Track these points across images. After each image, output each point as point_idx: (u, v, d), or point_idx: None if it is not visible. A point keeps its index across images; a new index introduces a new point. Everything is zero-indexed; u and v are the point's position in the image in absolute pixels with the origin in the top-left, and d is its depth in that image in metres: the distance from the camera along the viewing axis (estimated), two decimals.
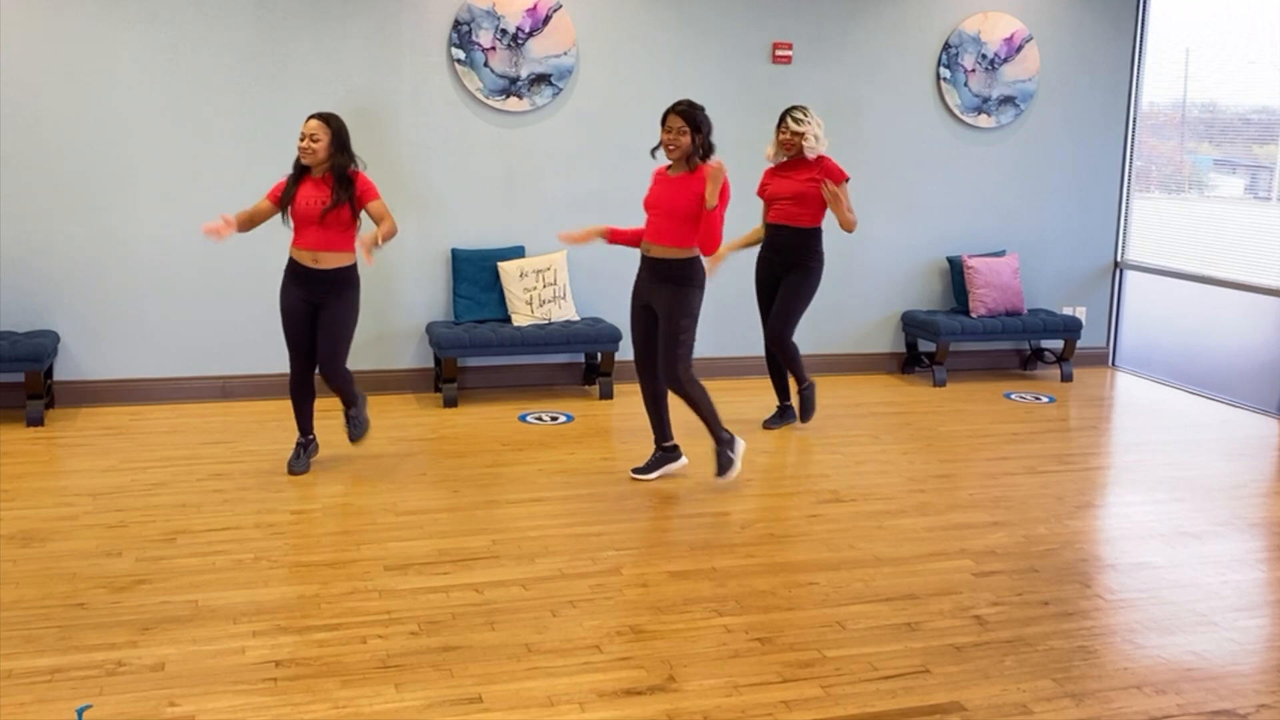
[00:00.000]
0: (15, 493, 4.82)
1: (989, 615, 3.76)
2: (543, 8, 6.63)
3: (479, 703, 3.11)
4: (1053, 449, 5.85)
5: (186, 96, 6.25)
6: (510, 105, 6.68)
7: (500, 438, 5.86)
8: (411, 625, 3.59)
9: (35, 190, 6.11)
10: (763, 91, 7.09)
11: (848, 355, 7.59)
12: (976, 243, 7.70)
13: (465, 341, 6.43)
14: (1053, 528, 4.64)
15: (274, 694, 3.13)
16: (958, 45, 7.40)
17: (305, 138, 4.88)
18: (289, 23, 6.33)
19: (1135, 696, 3.23)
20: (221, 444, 5.63)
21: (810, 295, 5.87)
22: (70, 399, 6.30)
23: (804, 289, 5.83)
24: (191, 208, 6.33)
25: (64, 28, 6.03)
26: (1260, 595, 4.04)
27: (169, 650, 3.38)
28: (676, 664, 3.36)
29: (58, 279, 6.21)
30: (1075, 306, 7.95)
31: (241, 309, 6.48)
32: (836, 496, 5.00)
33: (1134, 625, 3.71)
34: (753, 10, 7.02)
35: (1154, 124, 7.94)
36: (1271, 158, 7.28)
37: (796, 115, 5.69)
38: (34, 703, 3.06)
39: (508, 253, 6.77)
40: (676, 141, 4.87)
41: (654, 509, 4.78)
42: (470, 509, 4.72)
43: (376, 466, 5.30)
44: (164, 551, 4.18)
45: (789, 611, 3.75)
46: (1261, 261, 6.98)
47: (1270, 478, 5.49)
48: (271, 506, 4.71)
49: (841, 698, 3.18)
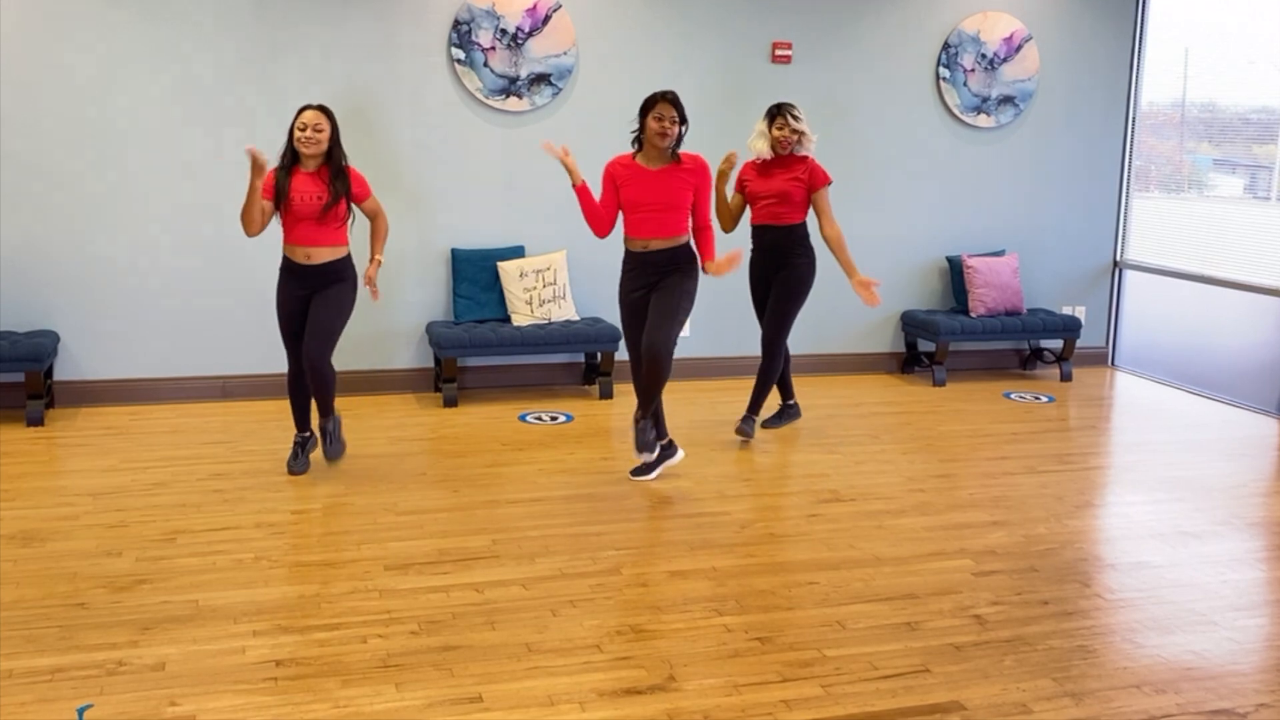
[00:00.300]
0: (15, 493, 4.83)
1: (989, 615, 3.76)
2: (542, 7, 6.63)
3: (479, 702, 3.11)
4: (1052, 449, 5.86)
5: (186, 96, 6.25)
6: (510, 105, 6.69)
7: (500, 437, 5.86)
8: (412, 625, 3.59)
9: (35, 190, 6.11)
10: (762, 91, 7.09)
11: (847, 355, 7.59)
12: (976, 242, 7.70)
13: (465, 341, 6.44)
14: (1052, 527, 4.64)
15: (274, 693, 3.14)
16: (957, 45, 7.40)
17: (307, 128, 4.86)
18: (288, 23, 6.33)
19: (1135, 696, 3.23)
20: (222, 444, 5.63)
21: (802, 294, 5.72)
22: (70, 399, 6.30)
23: (795, 289, 5.69)
24: (191, 208, 6.34)
25: (63, 28, 6.03)
26: (1259, 595, 4.04)
27: (169, 650, 3.38)
28: (677, 663, 3.36)
29: (58, 279, 6.22)
30: (1075, 306, 7.96)
31: (241, 309, 6.48)
32: (836, 496, 5.00)
33: (1134, 625, 3.72)
34: (752, 9, 7.03)
35: (1153, 124, 7.95)
36: (1271, 157, 7.28)
37: (795, 113, 5.58)
38: (35, 702, 3.06)
39: (507, 252, 6.77)
40: (670, 131, 4.84)
41: (654, 509, 4.78)
42: (470, 509, 4.73)
43: (376, 466, 5.30)
44: (164, 551, 4.18)
45: (789, 611, 3.76)
46: (1261, 261, 6.99)
47: (1270, 477, 5.49)
48: (272, 506, 4.71)
49: (841, 697, 3.18)
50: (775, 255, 5.71)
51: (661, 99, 4.85)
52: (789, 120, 5.57)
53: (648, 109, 4.88)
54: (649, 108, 4.87)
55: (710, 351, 7.28)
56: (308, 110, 4.91)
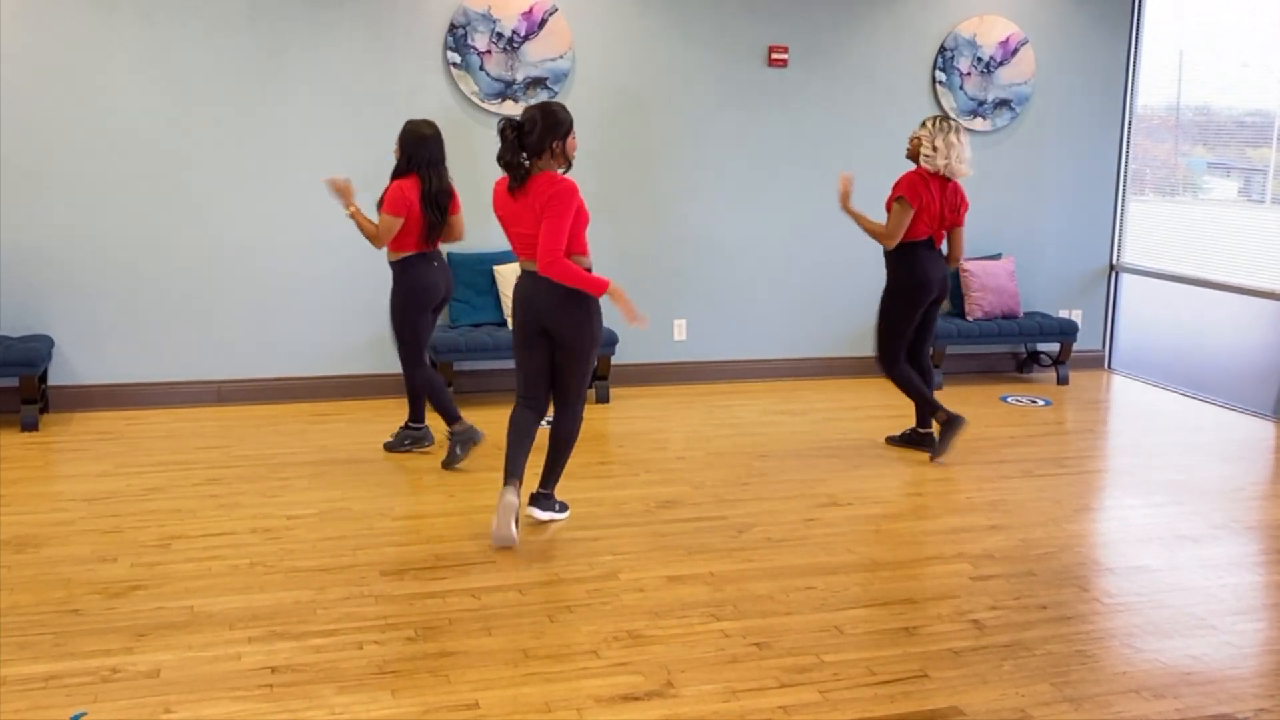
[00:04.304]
0: (10, 498, 4.81)
1: (987, 619, 3.75)
2: (538, 11, 6.63)
3: (476, 709, 3.10)
4: (1049, 452, 5.85)
5: (182, 101, 6.24)
6: (506, 109, 6.68)
7: (495, 441, 5.83)
8: (408, 631, 3.57)
9: (30, 195, 6.09)
10: (758, 95, 7.09)
11: (844, 359, 7.59)
12: (972, 246, 7.69)
13: (461, 345, 6.42)
14: (1050, 531, 4.64)
15: (270, 700, 3.12)
16: (953, 49, 7.41)
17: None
18: (284, 27, 6.32)
19: (1134, 700, 3.22)
20: (217, 448, 5.61)
21: (889, 314, 5.64)
22: (65, 404, 6.28)
23: (882, 308, 5.69)
24: (186, 213, 6.32)
25: (60, 32, 6.02)
26: (1258, 598, 4.04)
27: (164, 656, 3.37)
28: (674, 669, 3.35)
29: (52, 284, 6.20)
30: (1071, 309, 7.96)
31: (236, 313, 6.46)
32: (834, 500, 5.00)
33: (1132, 629, 3.71)
34: (748, 13, 7.02)
35: (1148, 127, 7.96)
36: (1265, 160, 7.29)
37: (929, 123, 5.55)
38: (29, 710, 3.05)
39: (504, 256, 6.76)
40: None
41: (651, 513, 4.77)
42: (467, 513, 4.71)
43: (372, 471, 5.29)
44: (159, 557, 4.17)
45: (786, 616, 3.74)
46: (1256, 264, 6.99)
47: (1267, 480, 5.49)
48: (267, 511, 4.69)
49: (839, 703, 3.17)
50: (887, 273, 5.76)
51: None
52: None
53: (570, 129, 4.31)
54: (571, 128, 4.32)
55: (706, 355, 7.28)
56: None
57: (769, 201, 7.25)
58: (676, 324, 7.21)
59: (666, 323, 7.19)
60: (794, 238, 7.30)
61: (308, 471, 5.24)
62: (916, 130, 5.61)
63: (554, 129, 4.24)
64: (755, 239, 7.26)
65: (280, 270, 6.48)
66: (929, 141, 5.52)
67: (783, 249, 7.31)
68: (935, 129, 5.53)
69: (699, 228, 7.15)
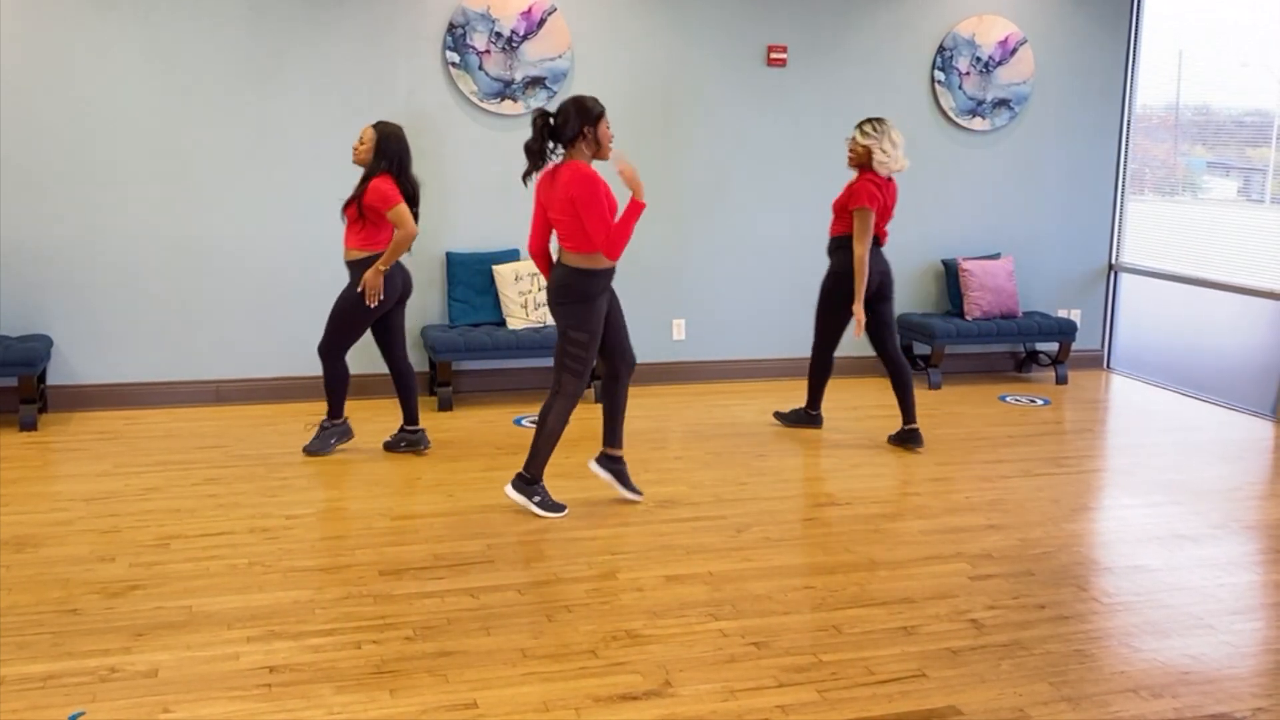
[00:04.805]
0: (8, 498, 4.81)
1: (985, 619, 3.75)
2: (537, 11, 6.63)
3: (474, 708, 3.10)
4: (1048, 452, 5.85)
5: (181, 101, 6.24)
6: (505, 108, 6.68)
7: (495, 441, 5.85)
8: (406, 630, 3.58)
9: (29, 194, 6.09)
10: (757, 95, 7.09)
11: (842, 358, 7.56)
12: (971, 245, 7.71)
13: (460, 345, 6.42)
14: (1049, 531, 4.64)
15: (268, 700, 3.12)
16: (952, 48, 7.41)
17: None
18: (283, 27, 6.32)
19: (1132, 700, 3.22)
20: (215, 448, 5.61)
21: (822, 303, 5.91)
22: (64, 403, 6.28)
23: (821, 301, 5.92)
24: (185, 212, 6.32)
25: (58, 32, 6.02)
26: (1256, 598, 4.04)
27: (163, 656, 3.37)
28: (672, 669, 3.35)
29: (51, 283, 6.20)
30: (1070, 309, 7.96)
31: (235, 313, 6.46)
32: (832, 500, 5.00)
33: (1130, 628, 3.71)
34: (747, 13, 7.02)
35: (1147, 126, 7.96)
36: (1264, 160, 7.29)
37: (865, 128, 5.59)
38: (27, 709, 3.05)
39: (503, 256, 6.76)
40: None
41: (649, 513, 4.77)
42: (465, 513, 4.71)
43: (371, 470, 5.29)
44: (158, 557, 4.17)
45: (785, 616, 3.75)
46: (1255, 263, 7.00)
47: (1265, 480, 5.49)
48: (266, 511, 4.70)
49: (838, 702, 3.17)
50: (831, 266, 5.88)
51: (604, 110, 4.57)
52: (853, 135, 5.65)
53: (601, 116, 4.53)
54: (603, 115, 4.54)
55: (705, 355, 7.28)
56: (366, 127, 5.30)
57: (768, 201, 7.25)
58: (675, 324, 7.22)
59: (665, 323, 7.19)
60: (793, 237, 7.30)
61: (306, 471, 5.24)
62: (858, 139, 5.60)
63: (584, 114, 4.48)
64: (754, 239, 7.26)
65: (279, 270, 6.48)
66: (878, 147, 5.56)
67: (782, 249, 7.32)
68: (880, 133, 5.58)
69: (698, 227, 7.15)
